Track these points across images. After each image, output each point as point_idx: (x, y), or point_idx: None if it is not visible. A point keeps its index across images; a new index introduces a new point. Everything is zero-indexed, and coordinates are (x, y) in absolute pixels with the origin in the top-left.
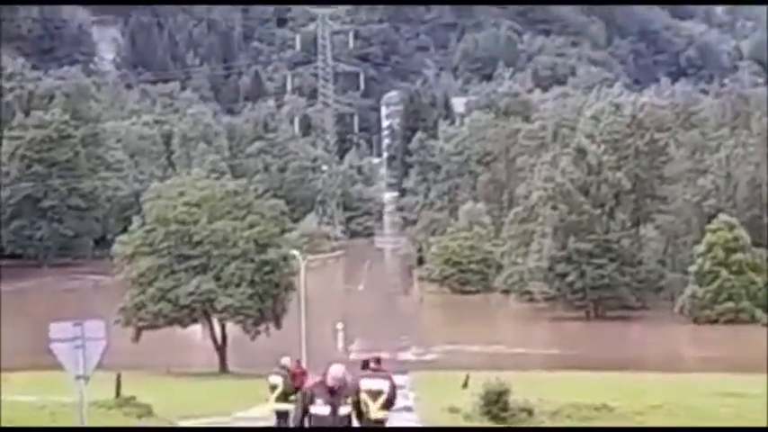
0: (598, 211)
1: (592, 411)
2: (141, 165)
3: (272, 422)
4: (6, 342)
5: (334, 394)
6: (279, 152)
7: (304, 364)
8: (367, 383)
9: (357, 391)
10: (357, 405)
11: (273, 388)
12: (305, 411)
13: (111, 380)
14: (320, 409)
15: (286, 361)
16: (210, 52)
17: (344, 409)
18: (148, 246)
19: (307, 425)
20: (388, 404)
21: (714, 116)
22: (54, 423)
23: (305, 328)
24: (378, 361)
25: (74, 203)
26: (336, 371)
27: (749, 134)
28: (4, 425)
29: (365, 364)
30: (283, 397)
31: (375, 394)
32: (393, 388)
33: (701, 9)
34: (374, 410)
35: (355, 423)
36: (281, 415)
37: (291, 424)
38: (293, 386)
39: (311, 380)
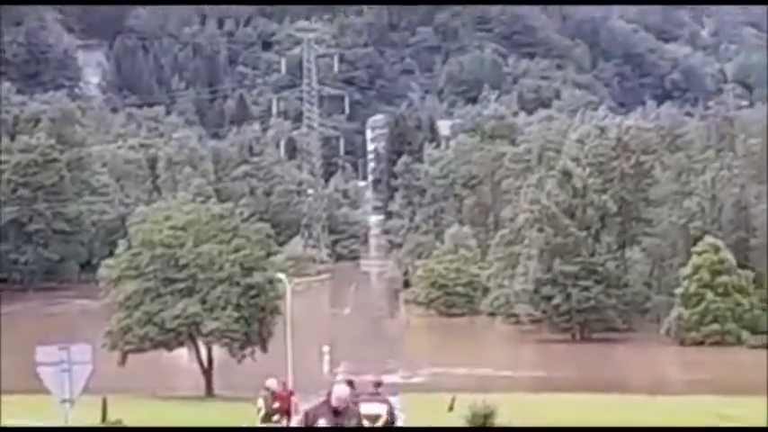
0: (584, 234)
1: None
2: (127, 188)
3: None
4: None
5: (337, 415)
6: (264, 176)
7: (290, 387)
8: (365, 408)
9: (359, 415)
10: (360, 425)
11: (259, 410)
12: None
13: (97, 404)
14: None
15: (271, 383)
16: (196, 76)
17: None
18: (134, 269)
19: None
20: (387, 428)
21: (699, 138)
22: None
23: (291, 352)
24: (378, 385)
25: (59, 227)
26: (341, 391)
27: (734, 156)
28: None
29: (350, 383)
30: (267, 418)
31: (373, 418)
32: (391, 412)
33: (685, 32)
34: None
35: None
36: None
37: None
38: (277, 407)
39: (298, 401)
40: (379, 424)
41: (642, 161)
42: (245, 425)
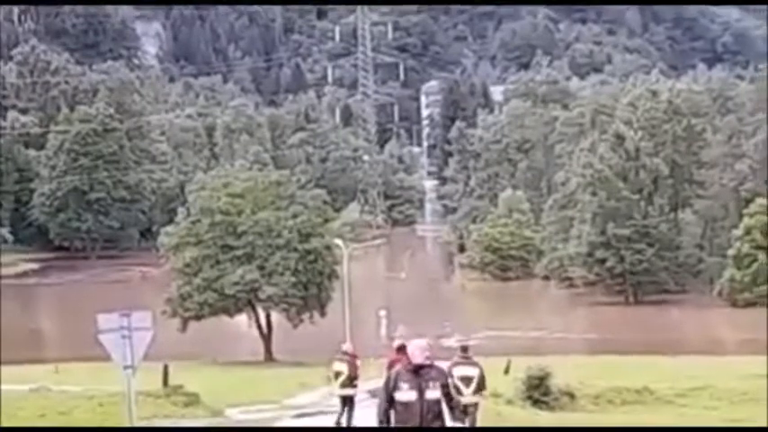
0: (636, 197)
1: (633, 394)
2: (185, 157)
3: (318, 407)
4: (58, 333)
5: (418, 375)
6: (320, 143)
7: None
8: (459, 371)
9: (446, 375)
10: (446, 388)
11: (337, 374)
12: (390, 400)
13: (158, 370)
14: (405, 395)
15: (348, 347)
16: (252, 45)
17: (431, 393)
18: (194, 237)
19: (393, 414)
20: (478, 389)
21: (750, 101)
22: (102, 413)
23: (348, 316)
24: (465, 349)
25: (119, 195)
26: (420, 343)
27: None
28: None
29: (400, 348)
30: (348, 382)
31: (467, 380)
32: (482, 374)
33: None
34: (467, 395)
35: (444, 408)
36: (346, 400)
37: (376, 414)
38: (357, 371)
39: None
40: (472, 386)
41: (693, 124)
42: (305, 389)
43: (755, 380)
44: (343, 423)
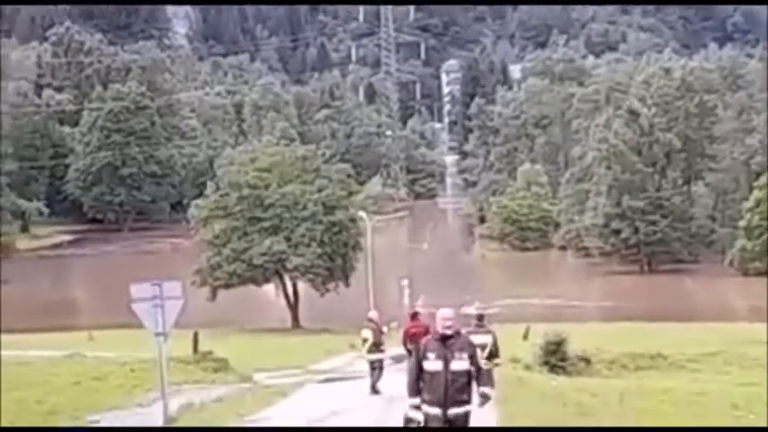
0: (650, 170)
1: (647, 360)
2: (214, 133)
3: (342, 373)
4: (91, 302)
5: (445, 345)
6: (345, 119)
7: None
8: (473, 338)
9: (473, 346)
10: (473, 359)
11: (365, 340)
12: (419, 368)
13: (188, 337)
14: (432, 364)
15: (373, 315)
16: (278, 25)
17: (457, 364)
18: (222, 209)
19: (422, 384)
20: (491, 356)
21: (760, 78)
22: (134, 378)
23: (372, 286)
24: (480, 318)
25: (151, 170)
26: (446, 312)
27: None
28: (77, 382)
29: (414, 315)
30: (374, 347)
31: (481, 347)
32: (495, 342)
33: None
34: (481, 361)
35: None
36: (374, 364)
37: (406, 383)
38: (381, 338)
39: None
40: (486, 352)
41: (705, 100)
42: (330, 355)
43: (765, 345)
44: (375, 386)
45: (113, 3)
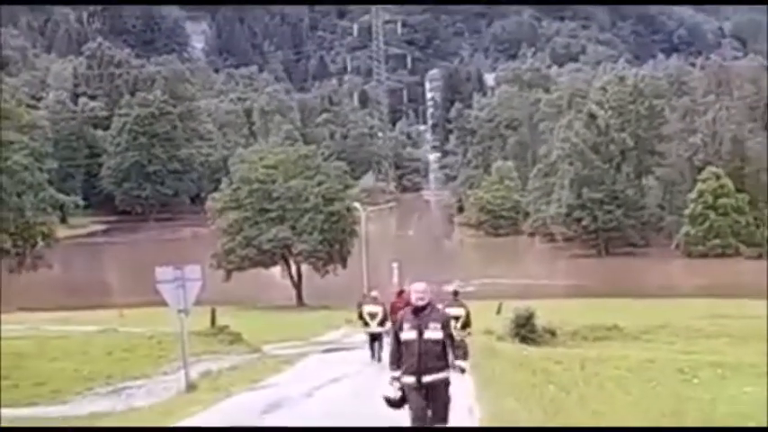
0: (607, 166)
1: (604, 331)
2: (228, 135)
3: (340, 344)
4: (122, 284)
5: (418, 316)
6: (341, 122)
7: None
8: (448, 311)
9: (446, 317)
10: (447, 329)
11: (373, 315)
12: (397, 339)
13: (207, 313)
14: (407, 334)
15: (376, 293)
16: (283, 40)
17: (430, 334)
18: (235, 202)
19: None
20: (464, 326)
21: (701, 85)
22: (160, 350)
23: (366, 267)
24: (455, 294)
25: (173, 168)
26: (418, 285)
27: (731, 99)
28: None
29: (400, 293)
30: (382, 323)
31: (455, 318)
32: (468, 314)
33: None
34: (455, 331)
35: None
36: (375, 337)
37: (386, 351)
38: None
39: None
40: (460, 323)
41: (654, 104)
42: (330, 329)
43: (707, 319)
44: (376, 357)
45: (114, 3)
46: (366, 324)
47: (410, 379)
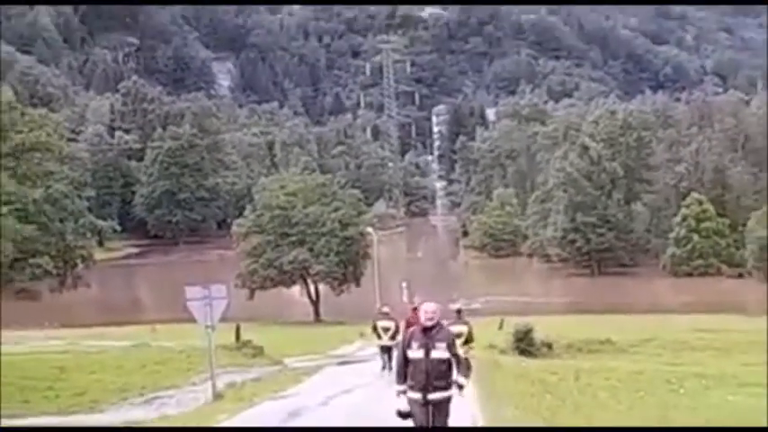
0: (598, 193)
1: (597, 345)
2: (251, 165)
3: (354, 357)
4: (154, 302)
5: (427, 335)
6: (355, 153)
7: None
8: (452, 328)
9: (451, 335)
10: (452, 348)
11: (386, 329)
12: (405, 356)
13: (232, 329)
14: (415, 353)
15: (388, 309)
16: (302, 79)
17: (436, 353)
18: (258, 226)
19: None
20: (467, 342)
21: (685, 118)
22: (189, 363)
23: (378, 287)
24: (459, 312)
25: (201, 195)
26: (428, 306)
27: (712, 132)
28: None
29: (414, 309)
30: (393, 336)
31: (458, 335)
32: (470, 331)
33: (674, 37)
34: (458, 347)
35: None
36: (387, 349)
37: (393, 365)
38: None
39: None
40: (462, 339)
41: (642, 136)
42: (344, 343)
43: (692, 333)
44: (387, 367)
45: (114, 3)
46: (379, 337)
47: (416, 395)
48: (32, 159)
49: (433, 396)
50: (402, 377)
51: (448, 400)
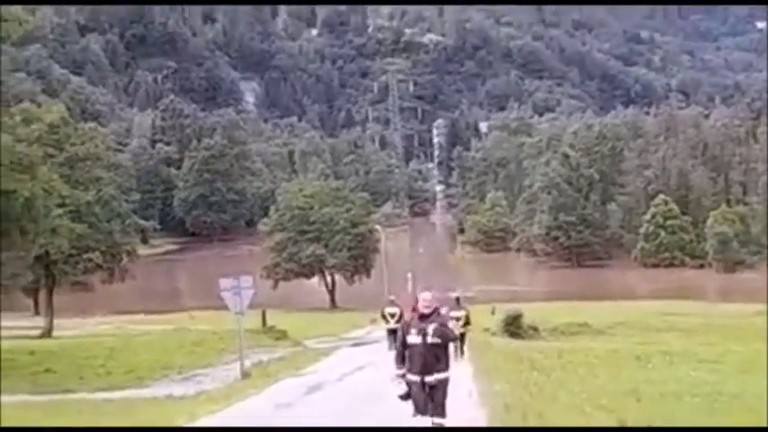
0: (578, 195)
1: (577, 327)
2: (274, 172)
3: (364, 339)
4: (191, 292)
5: (424, 322)
6: (365, 161)
7: None
8: (452, 313)
9: (445, 318)
10: (444, 327)
11: (393, 315)
12: (403, 341)
13: (258, 315)
14: (413, 338)
15: (394, 297)
16: (318, 97)
17: (432, 339)
18: (280, 225)
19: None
20: (466, 324)
21: (653, 130)
22: (222, 344)
23: (386, 278)
24: (457, 299)
25: (231, 198)
26: (425, 295)
27: (677, 141)
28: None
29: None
30: (399, 320)
31: (457, 318)
32: (467, 315)
33: (643, 59)
34: (457, 329)
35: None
36: (393, 331)
37: (394, 348)
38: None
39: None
40: (461, 322)
41: (615, 146)
42: (356, 327)
43: (659, 316)
44: (394, 348)
45: (113, 3)
46: (387, 321)
47: (415, 378)
48: (84, 167)
49: (429, 378)
50: (401, 361)
51: (444, 381)
